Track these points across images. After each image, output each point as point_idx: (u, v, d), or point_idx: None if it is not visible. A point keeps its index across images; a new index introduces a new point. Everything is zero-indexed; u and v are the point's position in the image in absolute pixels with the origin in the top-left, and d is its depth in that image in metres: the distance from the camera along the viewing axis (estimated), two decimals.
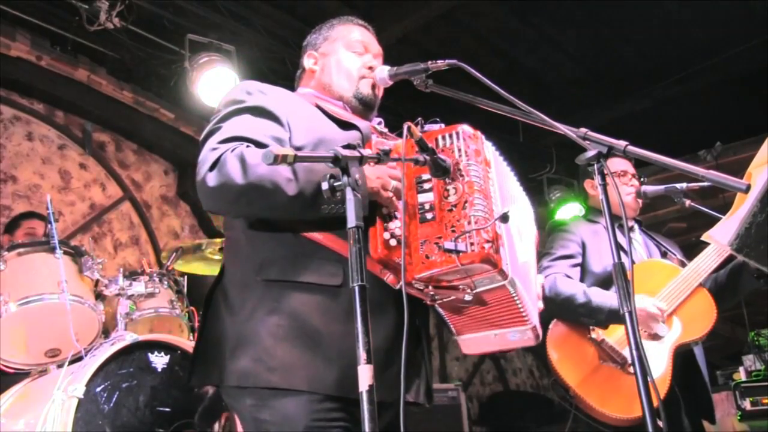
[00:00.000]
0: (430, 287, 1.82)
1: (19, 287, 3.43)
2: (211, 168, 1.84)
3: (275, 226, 1.93)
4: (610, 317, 3.05)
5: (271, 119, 1.98)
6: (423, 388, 2.02)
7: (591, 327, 3.13)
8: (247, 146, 1.87)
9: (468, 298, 1.83)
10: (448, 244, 1.73)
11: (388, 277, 1.82)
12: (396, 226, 1.81)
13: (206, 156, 1.87)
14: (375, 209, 1.83)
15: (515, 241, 1.96)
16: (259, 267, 1.91)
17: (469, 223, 1.76)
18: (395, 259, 1.78)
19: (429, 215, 1.81)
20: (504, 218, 1.79)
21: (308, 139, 1.97)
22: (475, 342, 1.99)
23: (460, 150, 1.86)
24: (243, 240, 1.99)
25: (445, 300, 1.87)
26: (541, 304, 2.07)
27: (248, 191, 1.80)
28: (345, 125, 2.07)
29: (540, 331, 2.00)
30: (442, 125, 1.96)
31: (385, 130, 2.15)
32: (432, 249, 1.76)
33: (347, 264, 1.58)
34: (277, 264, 1.90)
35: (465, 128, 1.91)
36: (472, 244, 1.74)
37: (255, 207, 1.86)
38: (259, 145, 1.88)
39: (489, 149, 1.98)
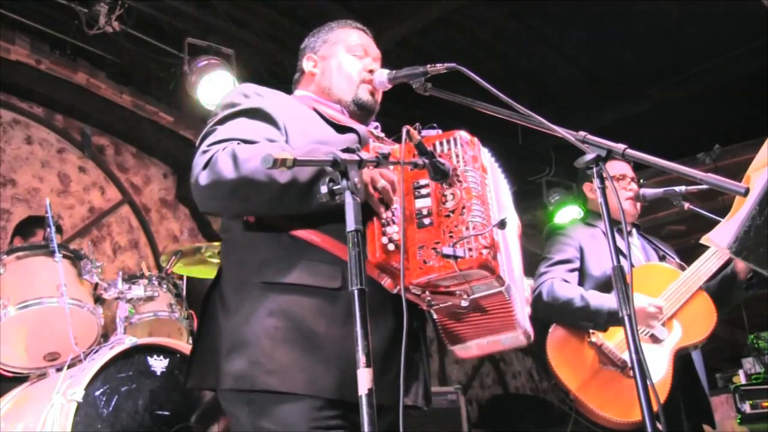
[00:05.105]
0: (427, 292, 1.82)
1: (19, 291, 3.43)
2: (204, 168, 1.85)
3: (273, 227, 1.92)
4: (610, 320, 3.04)
5: (267, 121, 1.98)
6: (421, 391, 2.02)
7: (590, 331, 3.13)
8: (238, 143, 1.87)
9: (464, 303, 1.83)
10: (447, 250, 1.73)
11: (386, 281, 1.82)
12: (394, 230, 1.81)
13: (198, 158, 1.89)
14: (372, 212, 1.83)
15: (510, 248, 1.97)
16: (257, 269, 1.90)
17: (467, 228, 1.76)
18: (393, 263, 1.78)
19: (426, 221, 1.81)
20: (502, 224, 1.80)
21: (305, 142, 1.97)
22: (468, 349, 2.00)
23: (457, 156, 1.86)
24: (240, 242, 1.98)
25: (441, 305, 1.87)
26: (529, 309, 2.08)
27: (241, 185, 1.79)
28: (342, 129, 2.07)
29: (531, 332, 2.01)
30: (439, 131, 1.96)
31: (382, 134, 2.15)
32: (430, 254, 1.76)
33: (346, 267, 1.58)
34: (274, 266, 1.89)
35: (462, 134, 1.92)
36: (470, 249, 1.74)
37: (250, 202, 1.85)
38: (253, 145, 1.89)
39: (486, 156, 1.99)
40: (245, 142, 1.89)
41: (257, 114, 1.99)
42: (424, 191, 1.85)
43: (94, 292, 3.70)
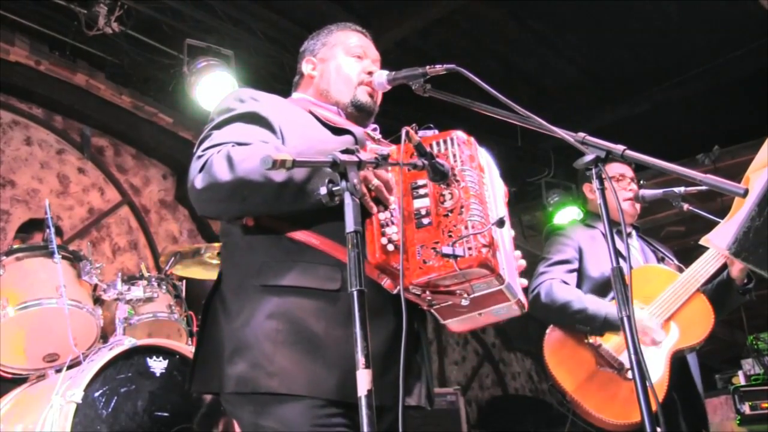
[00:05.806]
0: (428, 292, 1.82)
1: (18, 292, 3.43)
2: (199, 172, 1.86)
3: (272, 230, 1.92)
4: (606, 325, 3.05)
5: (263, 125, 1.98)
6: (423, 391, 2.02)
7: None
8: (233, 146, 1.88)
9: (465, 303, 1.84)
10: (446, 249, 1.73)
11: (386, 282, 1.82)
12: (393, 231, 1.81)
13: (194, 163, 1.89)
14: (370, 214, 1.83)
15: (506, 243, 1.97)
16: (257, 272, 1.90)
17: (466, 227, 1.76)
18: (393, 264, 1.78)
19: (425, 220, 1.81)
20: (500, 223, 1.80)
21: (302, 145, 1.97)
22: (461, 323, 1.98)
23: (455, 155, 1.87)
24: (240, 245, 1.98)
25: (442, 305, 1.88)
26: (523, 281, 2.06)
27: (237, 186, 1.80)
28: (339, 131, 2.07)
29: (525, 301, 1.98)
30: (436, 131, 1.96)
31: (379, 136, 2.15)
32: (429, 254, 1.77)
33: (345, 268, 1.58)
34: (274, 269, 1.89)
35: (459, 134, 1.92)
36: (469, 248, 1.74)
37: (247, 202, 1.85)
38: None
39: (483, 155, 1.99)
40: (240, 145, 1.89)
41: (253, 118, 1.99)
42: (422, 191, 1.85)
43: (94, 293, 3.70)
